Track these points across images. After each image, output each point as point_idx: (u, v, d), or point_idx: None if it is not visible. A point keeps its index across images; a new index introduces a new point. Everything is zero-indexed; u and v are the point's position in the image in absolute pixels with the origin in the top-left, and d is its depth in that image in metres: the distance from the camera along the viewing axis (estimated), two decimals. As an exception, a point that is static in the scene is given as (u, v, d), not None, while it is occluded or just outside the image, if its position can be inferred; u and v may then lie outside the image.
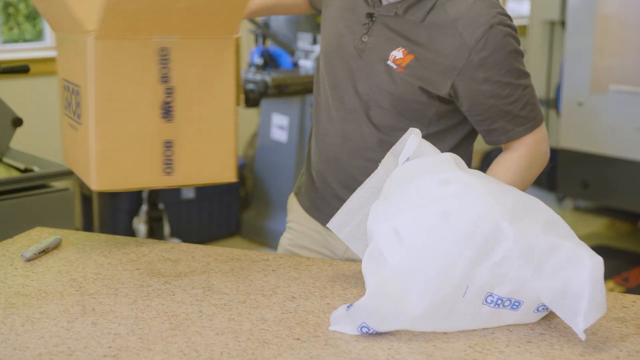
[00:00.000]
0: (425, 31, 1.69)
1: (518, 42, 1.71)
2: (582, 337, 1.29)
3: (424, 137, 1.66)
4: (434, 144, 1.62)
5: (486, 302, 1.34)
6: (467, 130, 1.80)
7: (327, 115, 1.84)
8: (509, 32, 1.68)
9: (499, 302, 1.34)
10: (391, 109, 1.74)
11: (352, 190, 1.61)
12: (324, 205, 1.88)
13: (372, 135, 1.77)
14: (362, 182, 1.58)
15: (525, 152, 1.73)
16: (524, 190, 1.67)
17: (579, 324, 1.28)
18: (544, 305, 1.35)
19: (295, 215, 1.98)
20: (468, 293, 1.33)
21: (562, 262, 1.31)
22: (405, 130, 1.55)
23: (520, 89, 1.70)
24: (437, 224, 1.35)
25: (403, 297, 1.32)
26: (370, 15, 1.76)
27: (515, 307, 1.35)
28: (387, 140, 1.73)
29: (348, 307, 1.35)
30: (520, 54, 1.71)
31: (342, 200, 1.63)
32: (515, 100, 1.70)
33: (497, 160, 1.77)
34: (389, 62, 1.72)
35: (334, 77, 1.82)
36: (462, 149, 1.81)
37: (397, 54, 1.71)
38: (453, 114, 1.76)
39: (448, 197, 1.37)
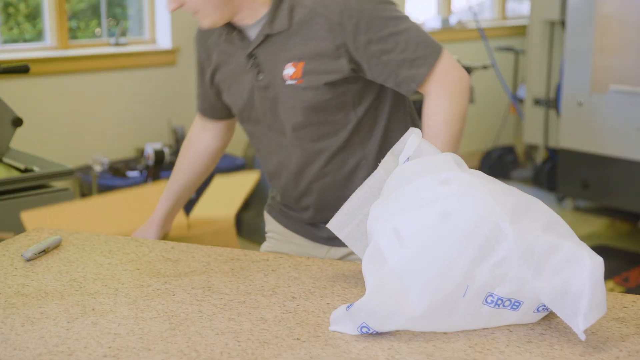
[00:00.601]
0: (298, 34, 1.73)
1: None
2: (582, 337, 1.29)
3: (357, 125, 1.77)
4: (371, 124, 1.76)
5: (486, 302, 1.34)
6: (390, 96, 1.84)
7: (277, 158, 1.88)
8: None
9: (499, 302, 1.34)
10: (315, 117, 1.78)
11: (324, 209, 1.76)
12: (300, 227, 1.96)
13: (316, 151, 1.82)
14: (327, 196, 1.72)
15: (439, 89, 1.74)
16: (461, 119, 1.72)
17: (579, 324, 1.28)
18: (544, 306, 1.35)
19: (273, 227, 2.04)
20: (468, 293, 1.33)
21: (562, 262, 1.31)
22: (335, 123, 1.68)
23: (404, 34, 1.72)
24: (437, 224, 1.35)
25: (403, 297, 1.32)
26: (250, 56, 1.79)
27: (515, 307, 1.35)
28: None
29: (348, 307, 1.35)
30: (386, 2, 1.74)
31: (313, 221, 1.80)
32: (405, 47, 1.72)
33: (423, 113, 1.78)
34: (288, 82, 1.75)
35: (261, 128, 1.87)
36: (398, 115, 1.85)
37: (289, 70, 1.75)
38: (368, 89, 1.79)
39: (448, 197, 1.37)
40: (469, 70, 4.78)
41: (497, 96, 6.21)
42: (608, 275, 2.85)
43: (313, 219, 1.90)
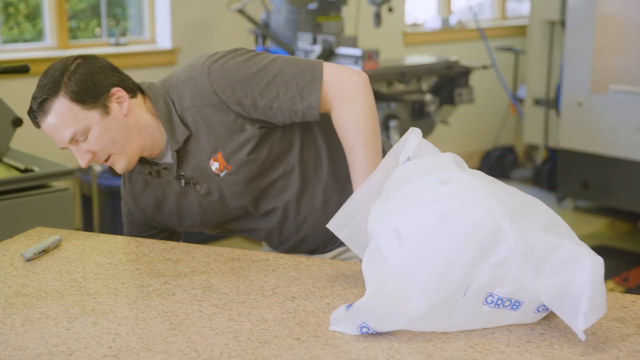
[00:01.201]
0: (200, 132, 1.76)
1: (230, 51, 1.76)
2: (582, 337, 1.29)
3: (302, 165, 1.81)
4: (315, 156, 1.82)
5: (486, 302, 1.34)
6: (314, 122, 1.84)
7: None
8: (216, 59, 1.74)
9: (499, 302, 1.34)
10: (263, 183, 1.81)
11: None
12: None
13: (283, 208, 1.84)
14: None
15: (337, 102, 1.74)
16: (372, 116, 1.73)
17: (579, 324, 1.28)
18: (544, 306, 1.35)
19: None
20: (468, 293, 1.33)
21: (562, 262, 1.31)
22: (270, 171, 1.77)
23: (279, 76, 1.74)
24: (438, 224, 1.35)
25: (403, 297, 1.32)
26: (178, 177, 1.81)
27: (515, 307, 1.35)
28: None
29: (348, 307, 1.35)
30: (247, 57, 1.75)
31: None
32: (286, 87, 1.73)
33: (335, 128, 1.78)
34: (222, 175, 1.78)
35: (229, 224, 1.90)
36: (332, 133, 1.83)
37: (214, 165, 1.78)
38: (289, 131, 1.81)
39: (448, 197, 1.37)
40: (469, 70, 4.78)
41: (497, 96, 6.21)
42: (608, 275, 2.85)
43: (301, 251, 1.93)
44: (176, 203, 1.86)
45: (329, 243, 1.89)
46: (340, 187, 1.85)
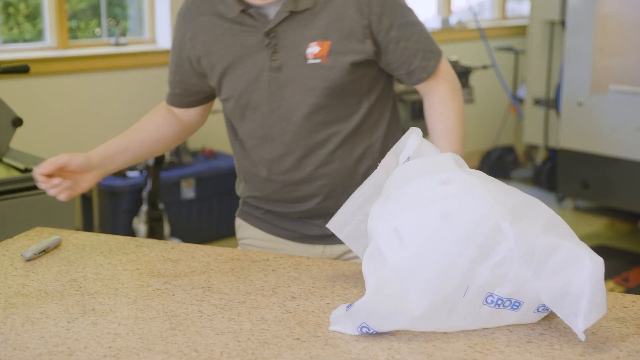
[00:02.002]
0: (323, 12, 1.72)
1: None
2: (582, 337, 1.29)
3: (368, 111, 1.80)
4: (379, 113, 1.80)
5: (486, 302, 1.34)
6: (392, 90, 1.88)
7: (268, 148, 1.83)
8: None
9: (499, 302, 1.34)
10: (332, 99, 1.76)
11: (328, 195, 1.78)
12: (288, 229, 1.92)
13: (326, 136, 1.80)
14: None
15: (447, 86, 1.81)
16: (460, 114, 1.80)
17: (579, 325, 1.28)
18: (544, 306, 1.35)
19: (251, 233, 1.99)
20: (468, 293, 1.33)
21: (563, 263, 1.31)
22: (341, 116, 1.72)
23: (419, 26, 1.80)
24: (438, 224, 1.35)
25: (403, 297, 1.32)
26: (267, 34, 1.75)
27: (515, 307, 1.35)
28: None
29: (348, 307, 1.35)
30: None
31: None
32: (419, 37, 1.79)
33: (432, 107, 1.82)
34: (311, 61, 1.73)
35: (259, 114, 1.81)
36: (395, 110, 1.88)
37: (314, 49, 1.73)
38: (379, 77, 1.82)
39: (448, 197, 1.37)
40: (469, 70, 4.78)
41: (497, 96, 6.21)
42: (608, 275, 2.85)
43: (312, 210, 1.86)
44: (235, 55, 1.78)
45: (320, 210, 1.84)
46: (375, 159, 1.79)
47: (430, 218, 1.35)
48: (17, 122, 2.87)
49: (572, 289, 1.29)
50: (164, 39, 4.82)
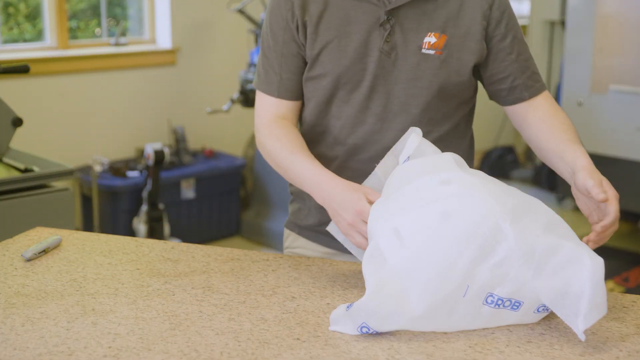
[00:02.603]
0: (447, 6, 1.69)
1: None
2: (582, 337, 1.29)
3: (461, 119, 1.75)
4: (466, 123, 1.74)
5: (486, 302, 1.34)
6: (472, 113, 1.84)
7: (362, 130, 1.73)
8: None
9: (499, 302, 1.34)
10: (429, 96, 1.70)
11: None
12: None
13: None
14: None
15: (551, 100, 1.76)
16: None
17: (579, 325, 1.28)
18: (544, 306, 1.35)
19: (302, 243, 1.86)
20: (468, 293, 1.33)
21: (563, 263, 1.31)
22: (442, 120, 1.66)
23: (526, 45, 1.77)
24: (438, 224, 1.35)
25: (403, 297, 1.32)
26: (389, 13, 1.68)
27: (515, 307, 1.35)
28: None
29: (348, 307, 1.35)
30: None
31: None
32: (529, 57, 1.76)
33: (543, 120, 1.74)
34: (425, 51, 1.68)
35: (357, 95, 1.71)
36: (470, 133, 1.84)
37: (430, 39, 1.69)
38: (475, 85, 1.79)
39: (448, 197, 1.37)
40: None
41: (497, 96, 6.21)
42: (608, 275, 2.85)
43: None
44: (345, 30, 1.68)
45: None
46: None
47: (430, 218, 1.35)
48: (17, 122, 2.87)
49: (572, 289, 1.29)
50: (164, 39, 4.82)
